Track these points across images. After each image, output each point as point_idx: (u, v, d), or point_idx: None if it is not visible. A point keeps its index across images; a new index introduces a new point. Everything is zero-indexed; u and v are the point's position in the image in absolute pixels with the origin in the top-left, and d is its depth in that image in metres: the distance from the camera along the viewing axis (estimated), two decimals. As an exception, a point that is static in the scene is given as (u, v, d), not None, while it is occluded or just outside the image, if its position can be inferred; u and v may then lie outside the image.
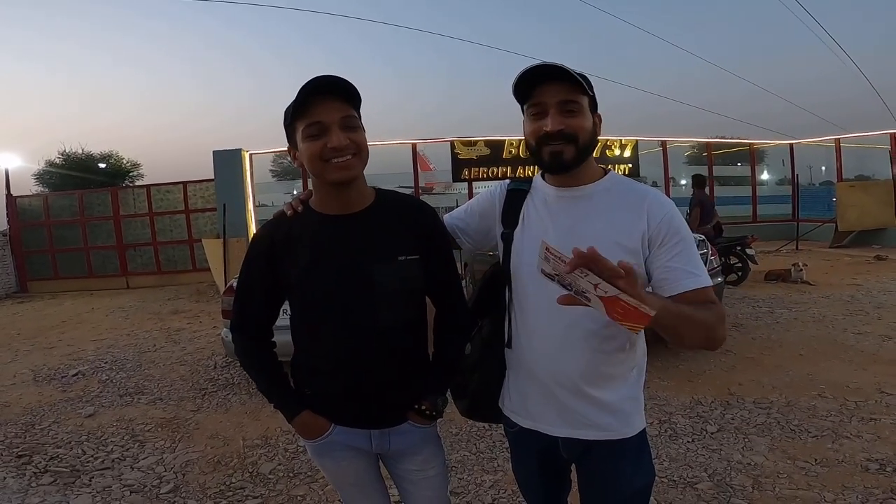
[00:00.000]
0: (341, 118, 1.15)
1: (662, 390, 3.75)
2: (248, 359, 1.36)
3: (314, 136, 1.15)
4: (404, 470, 1.38)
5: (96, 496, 2.72)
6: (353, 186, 1.22)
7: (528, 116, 1.20)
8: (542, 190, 1.27)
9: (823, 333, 5.01)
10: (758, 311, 6.07)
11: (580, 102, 1.16)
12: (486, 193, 1.40)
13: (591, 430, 1.21)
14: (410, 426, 1.31)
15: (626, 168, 13.01)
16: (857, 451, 2.74)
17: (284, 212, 1.29)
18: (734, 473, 2.58)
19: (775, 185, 15.80)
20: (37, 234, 12.12)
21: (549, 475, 1.37)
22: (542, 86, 1.15)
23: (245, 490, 2.70)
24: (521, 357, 1.27)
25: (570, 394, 1.20)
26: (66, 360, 5.55)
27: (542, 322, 1.21)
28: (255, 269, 1.29)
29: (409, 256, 1.24)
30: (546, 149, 1.16)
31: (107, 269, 12.05)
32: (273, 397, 1.33)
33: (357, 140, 1.17)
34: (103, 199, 12.22)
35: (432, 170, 13.08)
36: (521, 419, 1.30)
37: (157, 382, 4.61)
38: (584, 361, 1.19)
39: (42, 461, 3.15)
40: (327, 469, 1.38)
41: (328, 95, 1.15)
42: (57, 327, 7.60)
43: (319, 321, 1.26)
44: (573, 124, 1.14)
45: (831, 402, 3.38)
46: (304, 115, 1.15)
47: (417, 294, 1.30)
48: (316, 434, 1.30)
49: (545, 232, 1.20)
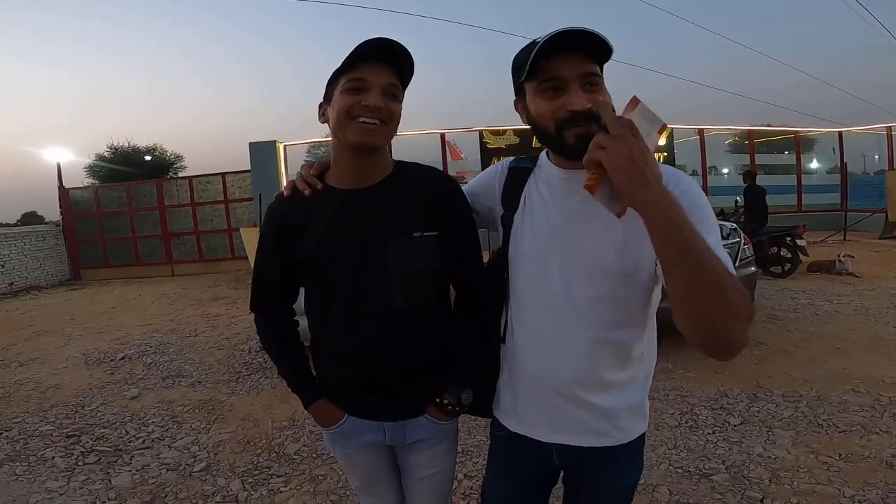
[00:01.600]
0: (386, 83, 1.10)
1: (687, 381, 3.71)
2: (268, 340, 1.32)
3: (353, 90, 1.09)
4: (412, 463, 1.31)
5: (135, 474, 2.89)
6: (372, 156, 1.16)
7: (539, 94, 1.00)
8: (547, 170, 1.12)
9: (864, 327, 4.82)
10: (797, 302, 5.87)
11: (600, 75, 1.00)
12: (488, 171, 1.28)
13: (589, 436, 1.10)
14: (427, 420, 1.24)
15: (661, 157, 12.69)
16: (884, 446, 2.66)
17: (298, 187, 1.22)
18: (753, 466, 2.55)
19: (825, 174, 15.12)
20: (88, 224, 12.79)
21: (535, 487, 1.23)
22: (557, 56, 0.96)
23: (271, 469, 2.84)
24: (514, 354, 1.15)
25: (566, 401, 1.09)
26: (115, 345, 5.88)
27: (540, 319, 1.09)
28: (269, 247, 1.24)
29: (427, 233, 1.16)
30: (571, 132, 0.97)
31: (153, 258, 12.64)
32: (291, 382, 1.29)
33: (392, 109, 1.12)
34: (149, 191, 12.80)
35: (463, 159, 13.08)
36: (511, 423, 1.18)
37: (197, 366, 4.85)
38: (584, 369, 1.07)
39: (89, 441, 3.36)
40: (339, 457, 1.35)
41: (383, 60, 1.10)
42: (107, 313, 8.04)
43: (330, 302, 1.20)
44: (600, 102, 0.97)
45: (864, 397, 3.27)
46: (352, 70, 1.10)
47: (436, 275, 1.20)
48: (330, 423, 1.27)
49: (549, 215, 1.09)
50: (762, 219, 7.95)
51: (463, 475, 2.63)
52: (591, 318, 1.05)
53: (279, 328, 1.31)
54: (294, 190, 1.22)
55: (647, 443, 2.87)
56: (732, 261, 4.34)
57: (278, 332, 1.31)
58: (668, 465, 2.61)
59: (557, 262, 1.07)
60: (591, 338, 1.05)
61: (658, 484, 2.45)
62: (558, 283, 1.06)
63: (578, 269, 1.05)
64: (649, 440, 2.87)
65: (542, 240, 1.09)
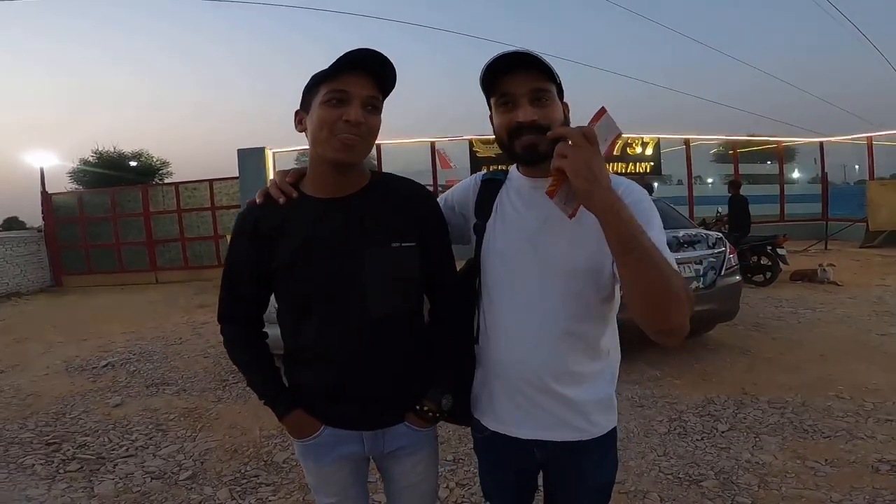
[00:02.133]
0: (367, 96, 1.09)
1: (675, 388, 3.74)
2: (237, 351, 1.27)
3: (334, 102, 1.08)
4: (394, 472, 1.29)
5: (119, 482, 2.83)
6: (350, 169, 1.16)
7: (497, 108, 1.14)
8: (517, 181, 1.23)
9: (847, 334, 4.90)
10: (780, 311, 5.96)
11: (550, 91, 1.11)
12: (461, 185, 1.36)
13: (563, 430, 1.17)
14: (407, 428, 1.23)
15: (648, 166, 12.86)
16: (869, 451, 2.70)
17: (271, 194, 1.20)
18: (741, 472, 2.57)
19: (807, 184, 15.42)
20: (71, 230, 12.58)
21: (522, 482, 1.30)
22: (510, 75, 1.09)
23: (259, 478, 2.80)
24: (489, 353, 1.21)
25: (540, 392, 1.16)
26: (97, 352, 5.77)
27: (512, 316, 1.17)
28: (240, 255, 1.20)
29: (405, 243, 1.16)
30: (519, 141, 1.11)
31: (137, 265, 12.45)
32: (264, 393, 1.25)
33: (371, 123, 1.11)
34: (134, 196, 12.64)
35: (453, 167, 13.13)
36: (490, 422, 1.24)
37: (182, 374, 4.78)
38: (556, 359, 1.14)
39: (70, 449, 3.29)
40: (310, 470, 1.29)
41: (365, 71, 1.09)
42: (89, 320, 7.90)
43: (306, 312, 1.18)
44: (546, 115, 1.09)
45: (848, 403, 3.32)
46: (333, 81, 1.08)
47: (413, 284, 1.21)
48: (306, 434, 1.22)
49: (519, 221, 1.18)
50: (745, 228, 8.11)
51: (455, 483, 2.62)
52: (561, 312, 1.13)
53: (250, 338, 1.27)
54: (267, 197, 1.20)
55: (637, 449, 2.90)
56: (718, 270, 4.41)
57: (249, 342, 1.27)
58: (658, 471, 2.63)
59: (531, 264, 1.15)
60: (562, 329, 1.13)
61: (649, 490, 2.46)
62: (531, 283, 1.15)
63: (551, 270, 1.14)
64: (639, 447, 2.89)
65: (515, 243, 1.17)
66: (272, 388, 1.25)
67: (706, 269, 4.38)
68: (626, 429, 3.10)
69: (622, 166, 12.74)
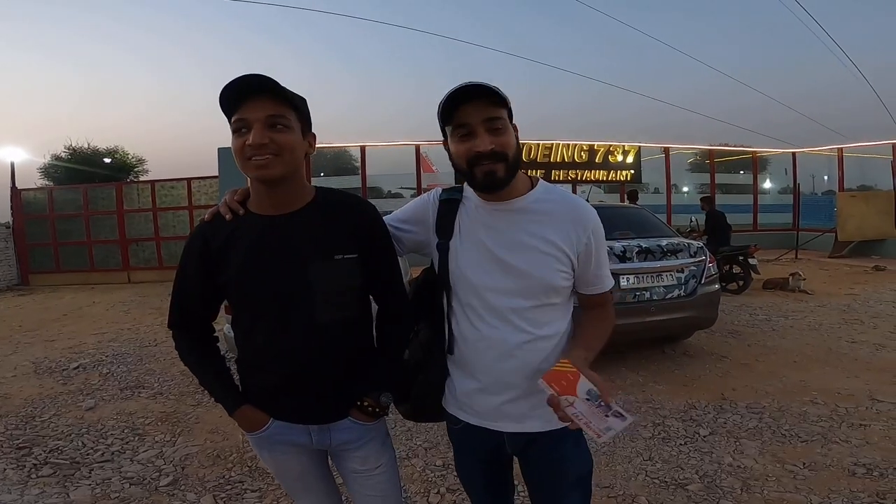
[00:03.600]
0: (266, 116, 1.14)
1: (657, 394, 3.79)
2: (190, 355, 1.34)
3: (238, 131, 1.15)
4: (347, 468, 1.37)
5: (95, 488, 2.75)
6: (283, 186, 1.20)
7: (454, 138, 1.20)
8: (474, 200, 1.29)
9: (818, 341, 5.05)
10: (755, 318, 6.11)
11: (503, 118, 1.18)
12: (418, 203, 1.40)
13: (535, 422, 1.26)
14: (351, 422, 1.30)
15: (629, 174, 13.08)
16: (845, 455, 2.78)
17: (220, 212, 1.26)
18: (724, 476, 2.62)
19: (778, 194, 15.84)
20: (40, 227, 12.23)
21: (493, 472, 1.41)
22: (464, 105, 1.16)
23: (244, 484, 2.74)
24: (464, 362, 1.30)
25: (515, 392, 1.25)
26: (67, 353, 5.61)
27: (483, 332, 1.25)
28: (190, 269, 1.27)
29: (347, 255, 1.23)
30: (478, 169, 1.17)
31: (109, 264, 12.16)
32: (214, 391, 1.33)
33: (279, 140, 1.15)
34: (108, 194, 12.34)
35: (435, 172, 13.14)
36: (467, 416, 1.32)
37: (158, 377, 4.66)
38: (527, 363, 1.23)
39: (42, 453, 3.18)
40: (268, 462, 1.39)
41: (258, 94, 1.14)
42: (58, 320, 7.66)
43: (256, 320, 1.26)
44: (502, 142, 1.17)
45: (822, 408, 3.42)
46: (235, 111, 1.15)
47: (356, 292, 1.28)
48: (254, 427, 1.30)
49: (482, 240, 1.25)
50: (724, 241, 8.25)
51: (445, 488, 2.60)
52: (528, 322, 1.23)
53: (200, 343, 1.35)
54: (217, 216, 1.27)
55: (623, 454, 2.94)
56: (699, 278, 4.50)
57: (197, 346, 1.35)
58: (645, 475, 2.66)
59: (497, 279, 1.23)
60: (531, 335, 1.24)
61: (637, 494, 2.48)
62: (498, 296, 1.24)
63: (517, 287, 1.23)
64: (625, 451, 2.92)
65: (481, 262, 1.25)
66: (221, 387, 1.32)
67: (687, 277, 4.47)
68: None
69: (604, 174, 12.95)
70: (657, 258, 4.40)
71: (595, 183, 12.79)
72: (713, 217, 8.63)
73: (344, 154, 14.92)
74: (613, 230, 4.61)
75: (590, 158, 12.84)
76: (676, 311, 4.42)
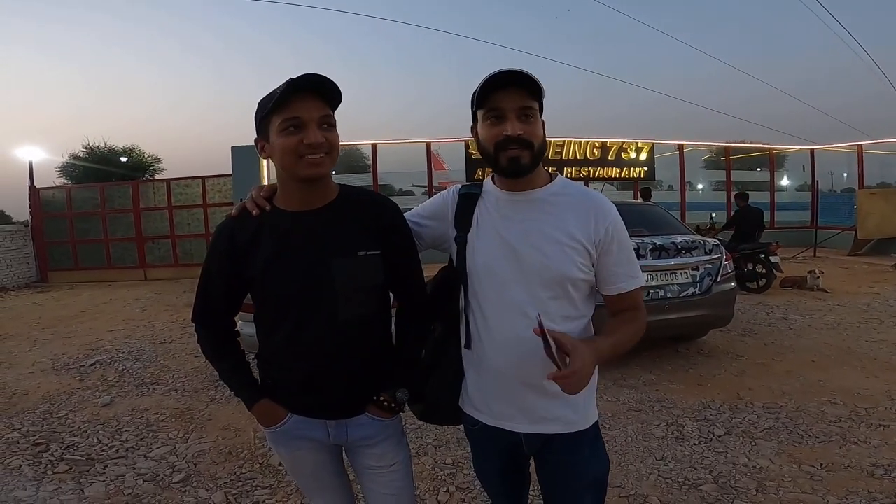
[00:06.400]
0: (320, 116, 1.17)
1: (671, 393, 3.74)
2: (213, 350, 1.37)
3: (291, 131, 1.16)
4: (363, 464, 1.38)
5: (109, 484, 2.78)
6: (320, 183, 1.24)
7: (484, 122, 1.23)
8: (494, 193, 1.30)
9: (837, 341, 4.96)
10: (772, 317, 6.02)
11: (535, 109, 1.20)
12: (438, 198, 1.42)
13: (553, 424, 1.26)
14: (368, 418, 1.32)
15: (642, 171, 12.93)
16: (863, 456, 2.72)
17: (247, 207, 1.29)
18: (739, 476, 2.58)
19: (795, 192, 15.58)
20: (58, 225, 12.43)
21: (511, 471, 1.41)
22: (501, 91, 1.18)
23: (255, 480, 2.76)
24: (482, 357, 1.29)
25: (534, 391, 1.24)
26: (84, 350, 5.68)
27: (504, 324, 1.24)
28: (216, 264, 1.29)
29: (369, 252, 1.25)
30: (504, 154, 1.19)
31: (125, 261, 12.33)
32: (233, 385, 1.36)
33: (331, 139, 1.19)
34: (124, 192, 12.50)
35: (446, 169, 13.12)
36: (485, 416, 1.32)
37: (173, 373, 4.71)
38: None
39: (58, 449, 3.22)
40: (283, 457, 1.40)
41: (310, 93, 1.16)
42: (76, 317, 7.78)
43: (279, 315, 1.27)
44: (530, 131, 1.19)
45: (841, 409, 3.35)
46: (284, 110, 1.15)
47: (378, 289, 1.30)
48: (273, 422, 1.32)
49: (499, 231, 1.26)
50: (752, 238, 7.99)
51: (455, 487, 2.60)
52: (548, 316, 1.17)
53: (222, 339, 1.37)
54: (243, 210, 1.29)
55: (636, 453, 2.91)
56: (714, 276, 4.43)
57: (221, 342, 1.37)
58: (658, 475, 2.62)
59: (516, 272, 1.23)
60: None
61: (649, 494, 2.45)
62: (518, 290, 1.23)
63: (534, 277, 1.22)
64: (637, 451, 2.89)
65: (498, 255, 1.25)
66: (241, 381, 1.35)
67: (702, 275, 4.41)
68: (623, 433, 3.10)
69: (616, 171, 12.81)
70: (671, 256, 4.35)
71: (608, 180, 12.66)
72: (745, 213, 8.34)
73: (355, 152, 14.96)
74: (626, 227, 4.55)
75: (602, 155, 12.64)
76: (691, 309, 4.36)
